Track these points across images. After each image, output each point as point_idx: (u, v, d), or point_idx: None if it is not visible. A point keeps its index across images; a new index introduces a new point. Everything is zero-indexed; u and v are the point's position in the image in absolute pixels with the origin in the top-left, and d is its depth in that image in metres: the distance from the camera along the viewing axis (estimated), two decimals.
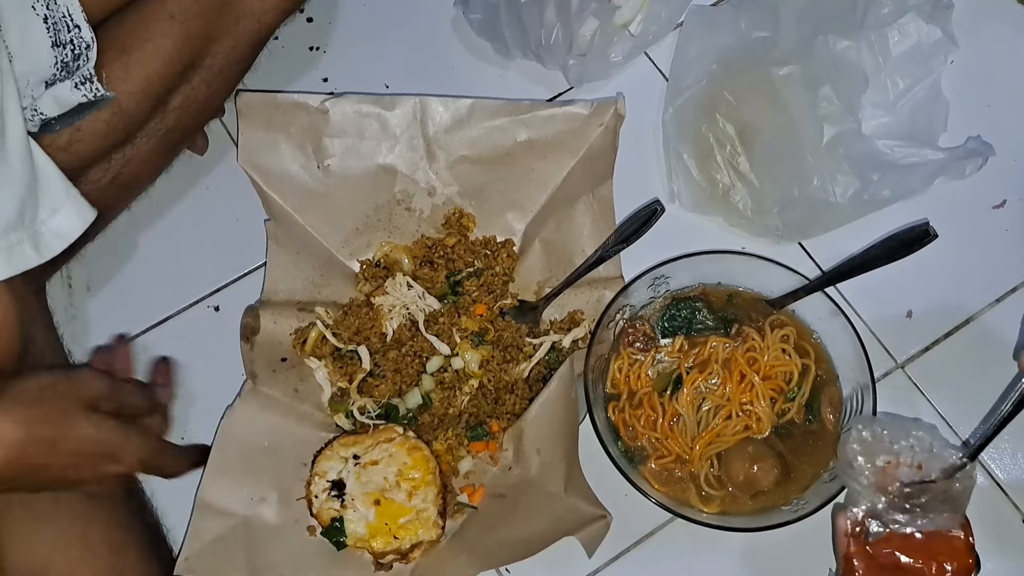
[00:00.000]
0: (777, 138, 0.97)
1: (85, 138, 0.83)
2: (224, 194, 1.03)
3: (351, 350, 0.95)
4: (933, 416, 0.93)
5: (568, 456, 0.87)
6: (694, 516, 0.85)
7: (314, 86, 1.08)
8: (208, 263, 1.01)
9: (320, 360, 0.95)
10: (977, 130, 1.02)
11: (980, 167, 0.98)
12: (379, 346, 0.95)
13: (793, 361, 0.90)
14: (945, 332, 0.96)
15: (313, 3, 1.11)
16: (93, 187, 0.85)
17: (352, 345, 0.95)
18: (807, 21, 1.00)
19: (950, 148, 0.99)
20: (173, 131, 0.91)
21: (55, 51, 0.78)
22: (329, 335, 0.95)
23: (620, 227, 0.97)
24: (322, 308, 0.97)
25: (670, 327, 0.93)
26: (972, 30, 1.03)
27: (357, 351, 0.95)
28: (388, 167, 1.00)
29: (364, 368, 0.94)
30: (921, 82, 1.01)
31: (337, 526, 0.87)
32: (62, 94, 0.80)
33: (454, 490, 0.91)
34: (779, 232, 0.99)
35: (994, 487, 0.91)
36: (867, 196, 0.95)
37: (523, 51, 1.06)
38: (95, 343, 0.97)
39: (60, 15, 0.79)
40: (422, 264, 0.99)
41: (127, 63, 0.83)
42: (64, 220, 0.73)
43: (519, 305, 0.98)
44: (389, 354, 0.94)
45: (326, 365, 0.95)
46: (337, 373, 0.95)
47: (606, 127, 0.98)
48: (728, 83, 0.99)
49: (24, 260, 0.70)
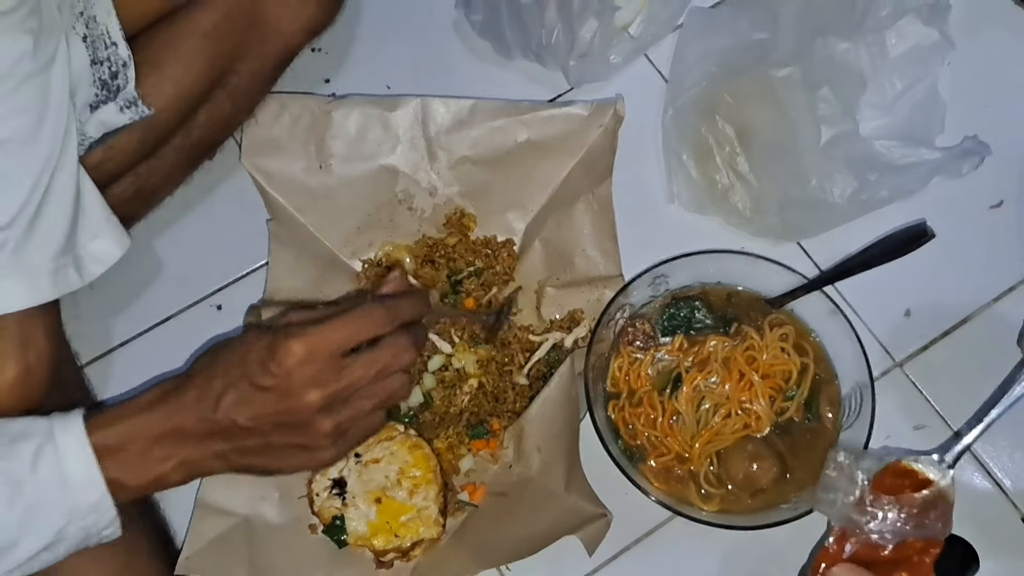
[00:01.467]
0: (776, 139, 0.97)
1: (116, 156, 0.84)
2: (227, 193, 1.03)
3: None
4: (931, 415, 0.93)
5: (569, 454, 0.87)
6: (694, 514, 0.85)
7: (316, 88, 1.08)
8: (211, 262, 1.01)
9: None
10: (974, 131, 1.02)
11: (976, 166, 0.99)
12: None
13: (792, 360, 0.91)
14: (943, 331, 0.96)
15: None
16: (116, 199, 0.84)
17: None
18: (805, 23, 1.01)
19: (947, 148, 1.00)
20: (197, 146, 0.92)
21: (93, 69, 0.79)
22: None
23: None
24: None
25: (670, 326, 0.93)
26: (969, 32, 1.04)
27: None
28: (390, 167, 1.01)
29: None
30: (918, 83, 1.01)
31: (338, 524, 0.87)
32: (108, 117, 0.81)
33: (455, 488, 0.91)
34: (778, 232, 0.99)
35: (994, 487, 0.91)
36: (865, 196, 0.96)
37: (524, 52, 1.07)
38: (97, 343, 0.98)
39: (99, 33, 0.79)
40: (423, 263, 1.00)
41: (159, 80, 0.84)
42: (103, 246, 0.74)
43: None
44: None
45: None
46: None
47: (605, 128, 0.98)
48: (727, 85, 0.99)
49: (68, 283, 0.71)
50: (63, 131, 0.71)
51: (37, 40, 0.69)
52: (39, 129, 0.69)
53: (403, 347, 0.66)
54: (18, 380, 0.71)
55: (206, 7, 0.87)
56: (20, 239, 0.68)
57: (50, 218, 0.70)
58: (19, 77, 0.68)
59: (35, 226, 0.69)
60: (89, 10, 0.79)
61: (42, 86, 0.70)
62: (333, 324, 0.64)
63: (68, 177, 0.71)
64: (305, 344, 0.62)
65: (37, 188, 0.69)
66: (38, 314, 0.71)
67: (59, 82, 0.71)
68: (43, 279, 0.70)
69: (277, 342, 0.63)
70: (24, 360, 0.71)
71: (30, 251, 0.69)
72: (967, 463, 0.91)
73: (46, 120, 0.70)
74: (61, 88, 0.72)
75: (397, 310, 0.67)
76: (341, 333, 0.64)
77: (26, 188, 0.68)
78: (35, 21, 0.69)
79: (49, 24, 0.71)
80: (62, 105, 0.71)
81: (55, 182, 0.70)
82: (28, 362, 0.71)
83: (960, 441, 0.82)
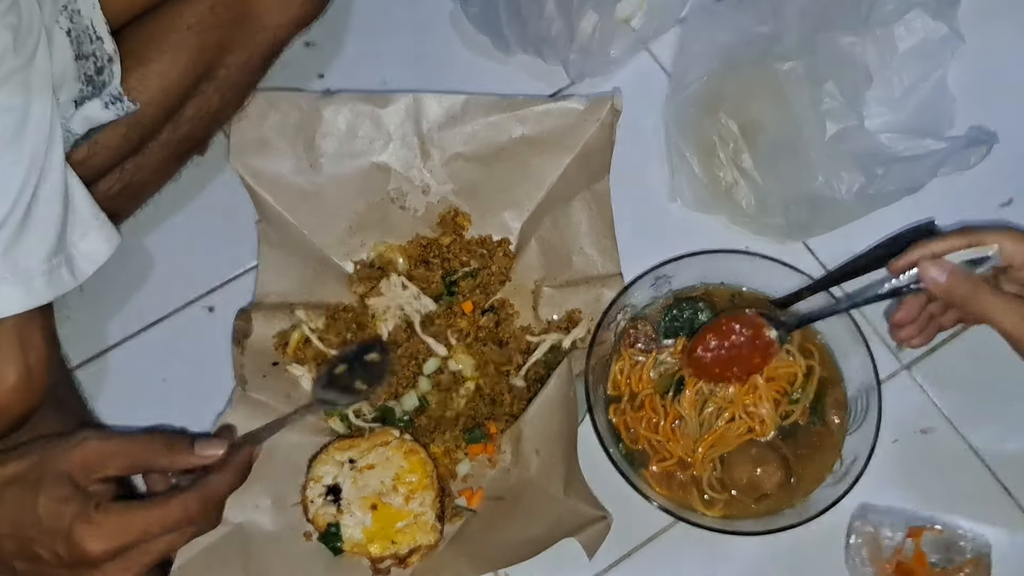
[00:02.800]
0: (781, 135, 0.96)
1: (101, 152, 0.83)
2: (219, 193, 1.02)
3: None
4: (938, 418, 0.92)
5: (567, 456, 0.86)
6: (697, 520, 0.85)
7: (310, 82, 1.07)
8: (203, 263, 1.00)
9: (303, 365, 0.94)
10: (983, 126, 1.01)
11: (984, 156, 0.98)
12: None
13: (797, 363, 0.90)
14: (951, 333, 0.94)
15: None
16: (103, 196, 0.84)
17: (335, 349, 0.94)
18: (810, 17, 0.99)
19: (953, 137, 0.99)
20: (184, 141, 0.91)
21: (78, 64, 0.78)
22: (314, 338, 0.94)
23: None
24: (303, 310, 0.96)
25: (672, 328, 0.92)
26: (979, 25, 1.02)
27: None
28: (382, 165, 0.99)
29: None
30: (927, 78, 1.00)
31: (334, 531, 0.86)
32: (92, 113, 0.80)
33: (452, 493, 0.90)
34: (783, 231, 0.98)
35: (1000, 488, 0.90)
36: (872, 191, 0.95)
37: (523, 46, 1.05)
38: (87, 345, 0.97)
39: (83, 27, 0.78)
40: (417, 264, 0.99)
41: (144, 74, 0.83)
42: (93, 244, 0.74)
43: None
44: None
45: (309, 370, 0.94)
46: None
47: (602, 123, 0.97)
48: (731, 79, 0.98)
49: (62, 284, 0.72)
50: (48, 129, 0.71)
51: (16, 36, 0.68)
52: (23, 127, 0.69)
53: (205, 526, 0.68)
54: (20, 382, 0.71)
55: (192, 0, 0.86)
56: (10, 242, 0.68)
57: (40, 219, 0.70)
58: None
59: (26, 228, 0.69)
60: (73, 4, 0.78)
61: (24, 83, 0.69)
62: (141, 519, 0.64)
63: (56, 176, 0.71)
64: (105, 549, 0.63)
65: (25, 189, 0.68)
66: (35, 316, 0.71)
67: (41, 78, 0.71)
68: (37, 281, 0.70)
69: (75, 535, 0.62)
70: (24, 362, 0.72)
71: (22, 254, 0.69)
72: (974, 465, 0.91)
73: (29, 117, 0.69)
74: (44, 84, 0.71)
75: (212, 498, 0.68)
76: (147, 533, 0.64)
77: (13, 190, 0.68)
78: (14, 16, 0.68)
79: (28, 20, 0.70)
80: (46, 102, 0.71)
81: (43, 182, 0.70)
82: (28, 364, 0.72)
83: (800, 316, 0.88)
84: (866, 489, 0.84)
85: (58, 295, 0.71)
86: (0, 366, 0.71)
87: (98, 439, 0.67)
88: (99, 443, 0.67)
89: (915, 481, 0.90)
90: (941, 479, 0.90)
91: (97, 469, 0.66)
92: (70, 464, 0.66)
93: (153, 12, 0.86)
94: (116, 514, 0.64)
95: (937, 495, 0.89)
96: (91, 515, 0.63)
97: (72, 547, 0.63)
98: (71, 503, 0.64)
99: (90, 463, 0.66)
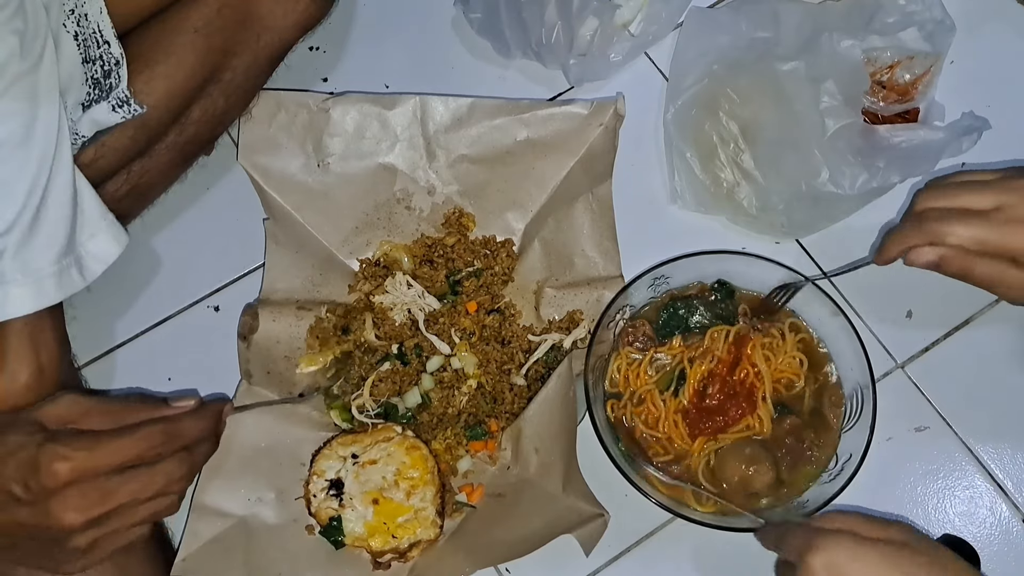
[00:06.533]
0: (781, 134, 0.96)
1: (108, 154, 0.84)
2: (225, 193, 1.03)
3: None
4: (933, 416, 0.93)
5: (566, 455, 0.86)
6: (695, 516, 0.85)
7: (314, 86, 1.08)
8: (208, 263, 1.00)
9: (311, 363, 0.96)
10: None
11: (975, 142, 0.97)
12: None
13: (802, 371, 0.90)
14: (945, 332, 0.95)
15: None
16: (110, 198, 0.85)
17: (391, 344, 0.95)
18: (807, 25, 1.00)
19: (948, 126, 0.98)
20: (190, 143, 0.92)
21: (85, 67, 0.79)
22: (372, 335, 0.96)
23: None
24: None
25: (669, 326, 0.93)
26: (972, 30, 1.03)
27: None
28: (388, 166, 1.00)
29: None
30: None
31: (335, 525, 0.87)
32: (100, 116, 0.81)
33: (453, 489, 0.91)
34: (784, 229, 0.98)
35: (994, 487, 0.90)
36: (875, 184, 0.94)
37: (523, 50, 1.06)
38: (94, 344, 0.97)
39: (91, 31, 0.79)
40: (422, 263, 0.99)
41: (151, 77, 0.84)
42: (102, 244, 0.75)
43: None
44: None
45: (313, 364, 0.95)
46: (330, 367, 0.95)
47: (606, 127, 0.98)
48: (730, 80, 0.98)
49: (72, 284, 0.72)
50: (56, 132, 0.71)
51: (23, 40, 0.69)
52: (31, 131, 0.69)
53: (177, 476, 0.68)
54: (33, 381, 0.72)
55: (198, 2, 0.87)
56: (21, 243, 0.68)
57: (50, 221, 0.70)
58: (7, 79, 0.68)
59: (35, 230, 0.69)
60: (80, 8, 0.79)
61: (31, 87, 0.70)
62: (106, 446, 0.64)
63: (64, 179, 0.71)
64: (72, 467, 0.63)
65: (34, 192, 0.69)
66: (46, 316, 0.72)
67: (48, 82, 0.71)
68: (48, 282, 0.70)
69: (42, 458, 0.62)
70: (37, 362, 0.72)
71: (33, 255, 0.69)
72: (968, 463, 0.91)
73: (37, 121, 0.70)
74: (51, 88, 0.71)
75: (177, 432, 0.68)
76: (112, 458, 0.64)
77: (22, 193, 0.68)
78: (20, 21, 0.68)
79: (35, 24, 0.70)
80: (53, 105, 0.71)
81: (52, 184, 0.70)
82: (40, 363, 0.73)
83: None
84: (860, 487, 0.84)
85: (68, 295, 0.72)
86: (13, 365, 0.71)
87: (74, 394, 0.69)
88: (75, 396, 0.68)
89: (909, 479, 0.90)
90: (935, 477, 0.91)
91: (72, 421, 0.67)
92: (45, 415, 0.67)
93: (159, 15, 0.87)
94: (83, 440, 0.64)
95: (931, 493, 0.90)
96: (58, 440, 0.64)
97: (39, 472, 0.62)
98: (39, 435, 0.64)
99: (64, 416, 0.67)
